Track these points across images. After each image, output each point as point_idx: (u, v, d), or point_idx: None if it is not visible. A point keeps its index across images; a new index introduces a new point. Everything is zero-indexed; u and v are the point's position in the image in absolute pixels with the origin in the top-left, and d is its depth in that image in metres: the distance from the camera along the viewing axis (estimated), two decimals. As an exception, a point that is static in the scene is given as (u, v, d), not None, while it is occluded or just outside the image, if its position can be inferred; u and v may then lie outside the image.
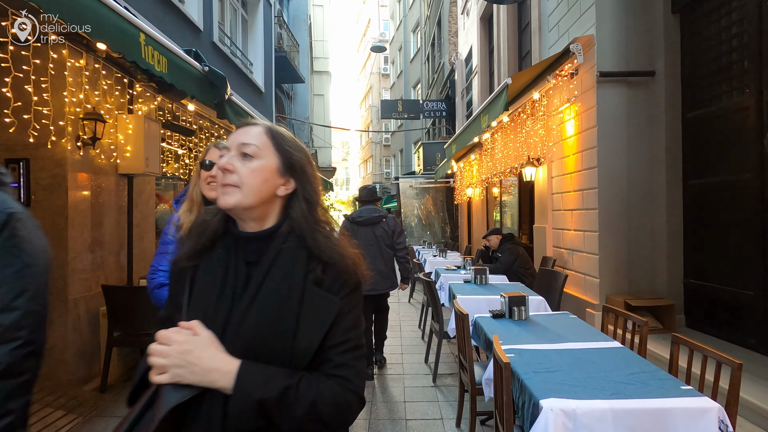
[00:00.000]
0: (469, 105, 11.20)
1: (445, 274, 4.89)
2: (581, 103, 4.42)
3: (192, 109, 5.01)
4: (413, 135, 22.14)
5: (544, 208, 5.53)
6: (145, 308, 3.50)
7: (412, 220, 12.53)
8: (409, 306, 6.96)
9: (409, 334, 5.20)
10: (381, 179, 30.39)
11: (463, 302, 3.50)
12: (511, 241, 5.00)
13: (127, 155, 4.05)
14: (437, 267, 5.70)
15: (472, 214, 10.82)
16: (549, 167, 5.36)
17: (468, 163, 9.83)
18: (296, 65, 13.01)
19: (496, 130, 7.00)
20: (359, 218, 4.03)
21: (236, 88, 7.35)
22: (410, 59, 22.81)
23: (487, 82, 9.22)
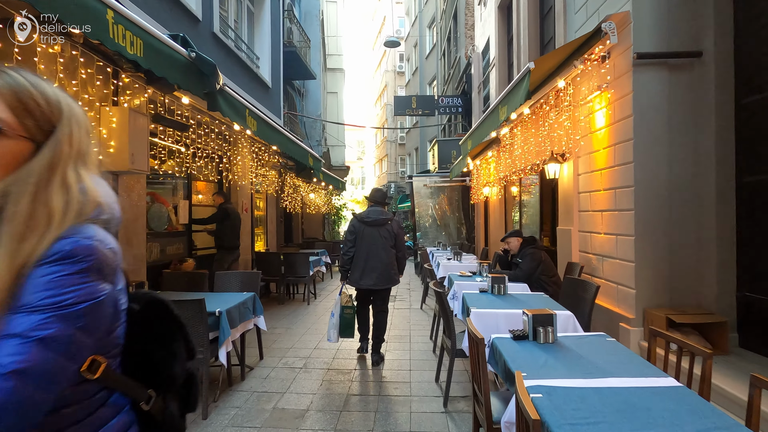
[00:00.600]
0: (486, 100, 10.67)
1: (459, 281, 4.43)
2: (614, 90, 3.90)
3: (186, 102, 4.67)
4: (429, 133, 21.63)
5: (569, 209, 5.01)
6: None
7: (427, 220, 12.06)
8: (421, 313, 6.52)
9: (419, 346, 4.76)
10: (396, 178, 29.97)
11: (478, 317, 3.05)
12: (533, 245, 4.52)
13: (110, 151, 3.72)
14: (451, 273, 5.24)
15: (489, 215, 10.29)
16: (575, 163, 4.85)
17: (485, 161, 9.32)
18: (307, 61, 12.67)
19: (515, 124, 6.49)
20: (367, 218, 4.28)
21: (240, 82, 7.03)
22: (426, 55, 22.31)
23: (506, 73, 8.69)
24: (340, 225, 21.36)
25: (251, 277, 4.33)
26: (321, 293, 8.34)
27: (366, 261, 4.18)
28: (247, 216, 7.27)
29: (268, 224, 8.56)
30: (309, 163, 7.61)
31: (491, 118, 5.34)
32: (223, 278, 4.36)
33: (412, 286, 9.45)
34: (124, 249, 3.05)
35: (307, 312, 6.57)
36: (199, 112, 5.28)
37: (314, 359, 4.32)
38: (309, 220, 14.76)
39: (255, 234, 7.91)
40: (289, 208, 9.84)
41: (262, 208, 8.50)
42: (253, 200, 7.64)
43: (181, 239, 5.70)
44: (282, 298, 7.29)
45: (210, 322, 3.25)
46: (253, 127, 4.94)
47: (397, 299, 7.72)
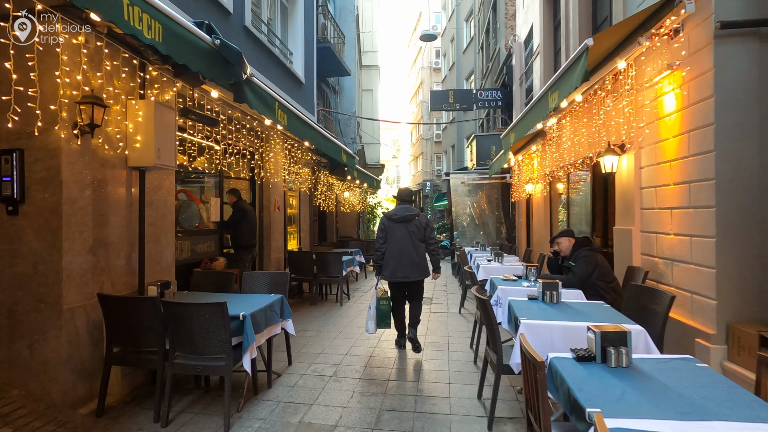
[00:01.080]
0: (529, 91, 10.06)
1: (503, 286, 4.01)
2: (690, 68, 3.36)
3: (216, 96, 4.52)
4: (465, 130, 21.01)
5: (629, 206, 4.46)
6: (148, 321, 3.00)
7: (464, 219, 11.57)
8: (460, 318, 6.11)
9: (458, 355, 4.38)
10: (432, 176, 29.48)
11: (530, 330, 2.65)
12: (588, 247, 4.02)
13: (136, 146, 3.60)
14: (493, 276, 4.82)
15: (532, 214, 9.69)
16: (637, 155, 4.30)
17: (528, 156, 8.75)
18: (342, 58, 12.49)
19: (564, 114, 5.96)
20: (394, 216, 4.54)
21: (273, 77, 6.88)
22: (463, 50, 21.66)
23: (551, 61, 8.09)
24: (374, 224, 21.19)
25: (280, 278, 4.11)
26: (354, 294, 8.10)
27: (397, 255, 4.39)
28: (279, 214, 7.13)
29: (301, 223, 8.41)
30: (342, 160, 7.37)
31: (538, 107, 4.86)
32: (251, 279, 4.16)
33: (449, 287, 9.03)
34: (152, 247, 2.88)
35: (340, 314, 6.33)
36: (229, 107, 5.13)
37: (345, 366, 4.05)
38: (343, 219, 14.61)
39: (288, 233, 7.77)
40: (323, 207, 9.67)
41: (295, 206, 8.36)
42: (285, 198, 7.50)
43: (212, 237, 5.59)
44: (314, 298, 7.09)
45: (233, 326, 3.03)
46: (283, 121, 4.73)
47: (434, 302, 7.35)
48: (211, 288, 4.10)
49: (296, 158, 7.50)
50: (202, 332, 2.89)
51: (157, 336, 3.02)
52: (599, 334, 2.02)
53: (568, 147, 5.96)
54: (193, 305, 2.86)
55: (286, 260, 7.26)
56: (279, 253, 7.09)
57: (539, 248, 8.19)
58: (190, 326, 2.90)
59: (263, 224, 6.74)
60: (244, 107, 5.19)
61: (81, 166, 3.18)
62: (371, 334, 5.07)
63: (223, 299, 3.04)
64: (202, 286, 4.16)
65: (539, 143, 7.60)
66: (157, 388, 3.03)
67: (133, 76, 3.65)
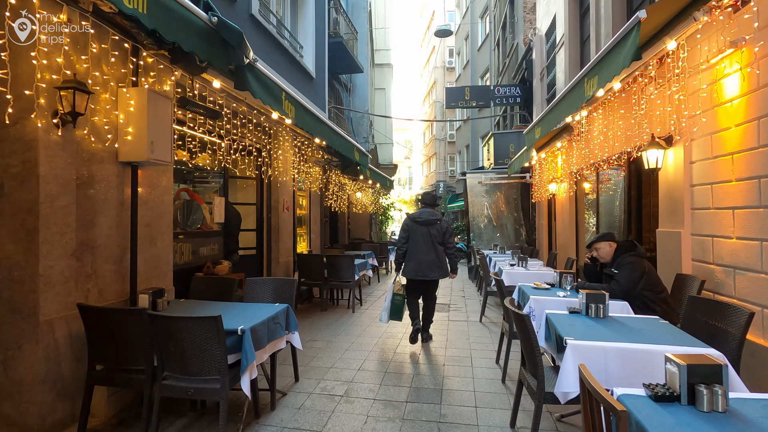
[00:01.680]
0: (551, 86, 9.55)
1: (536, 296, 3.55)
2: (763, 44, 2.87)
3: (218, 86, 4.17)
4: (480, 129, 20.48)
5: (677, 206, 3.97)
6: (134, 336, 2.64)
7: (481, 220, 11.08)
8: (481, 328, 5.65)
9: (483, 372, 3.94)
10: (445, 177, 29.01)
11: (580, 354, 2.21)
12: (633, 252, 3.54)
13: (128, 138, 3.25)
14: (520, 283, 4.36)
15: (554, 215, 9.17)
16: (687, 149, 3.81)
17: (551, 154, 8.25)
18: (354, 54, 12.13)
19: (595, 107, 5.47)
20: (419, 218, 4.77)
21: (282, 70, 6.53)
22: (477, 47, 21.14)
23: (577, 52, 7.59)
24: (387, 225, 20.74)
25: (286, 286, 3.72)
26: (367, 299, 7.69)
27: (417, 255, 4.65)
28: (288, 215, 6.77)
29: (312, 224, 8.04)
30: (355, 158, 6.99)
31: (571, 96, 4.40)
32: (254, 286, 3.78)
33: (466, 292, 8.56)
34: (147, 250, 2.43)
35: (352, 321, 5.92)
36: (234, 100, 4.78)
37: (358, 384, 3.63)
38: (356, 220, 14.23)
39: (297, 234, 7.40)
40: (334, 207, 9.30)
41: (305, 206, 7.99)
42: (295, 198, 7.14)
43: (216, 239, 5.24)
44: (325, 304, 6.70)
45: (231, 342, 2.65)
46: (291, 114, 4.35)
47: (452, 308, 6.90)
48: (212, 295, 3.73)
49: (306, 156, 7.15)
50: (193, 350, 2.51)
51: (144, 353, 2.65)
52: (685, 369, 1.57)
53: (600, 142, 5.47)
54: (183, 319, 2.48)
55: (295, 264, 6.89)
56: (288, 256, 6.72)
57: (564, 252, 7.68)
58: (180, 343, 2.52)
59: (271, 226, 6.38)
60: (250, 99, 4.84)
61: (62, 160, 2.83)
62: (386, 341, 4.66)
63: (219, 311, 2.67)
64: (201, 294, 3.79)
65: (565, 139, 7.11)
66: (145, 413, 2.66)
67: (124, 62, 3.30)
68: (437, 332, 5.36)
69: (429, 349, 4.64)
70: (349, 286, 6.61)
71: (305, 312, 6.49)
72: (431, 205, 4.85)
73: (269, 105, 3.78)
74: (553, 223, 9.60)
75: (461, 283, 9.98)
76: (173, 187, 4.47)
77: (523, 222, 10.85)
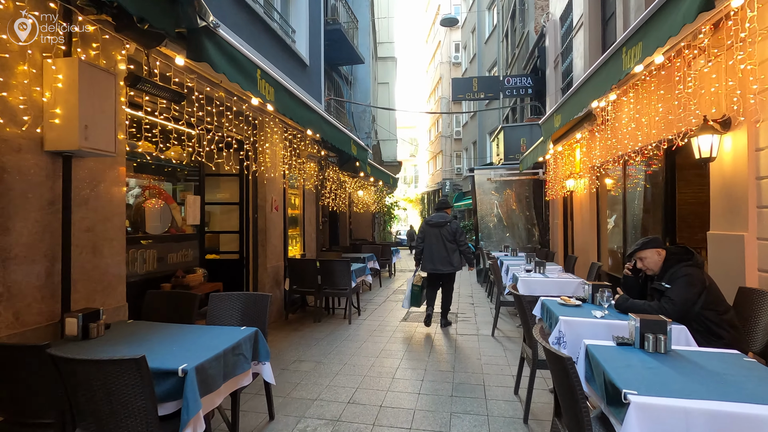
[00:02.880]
0: (567, 74, 8.81)
1: (566, 317, 2.84)
2: None
3: (181, 63, 3.49)
4: (488, 125, 19.73)
5: (737, 204, 3.24)
6: (36, 381, 1.98)
7: (491, 220, 10.36)
8: (494, 344, 4.95)
9: (500, 407, 3.24)
10: (451, 175, 28.32)
11: (651, 417, 1.51)
12: (689, 262, 2.83)
13: (55, 122, 2.60)
14: (543, 296, 3.65)
15: (571, 214, 8.44)
16: (752, 133, 3.08)
17: (568, 147, 7.52)
18: (355, 44, 11.45)
19: (625, 90, 4.75)
20: (431, 221, 5.55)
21: (270, 55, 5.87)
22: (485, 40, 20.38)
23: (599, 33, 6.85)
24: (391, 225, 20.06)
25: (258, 304, 3.05)
26: (367, 307, 7.02)
27: (431, 252, 5.41)
28: (278, 216, 6.11)
29: (306, 225, 7.37)
30: (352, 152, 6.31)
31: (604, 73, 3.69)
32: (218, 304, 3.11)
33: (476, 299, 7.86)
34: (87, 260, 1.57)
35: (347, 335, 5.25)
36: (208, 83, 4.12)
37: (346, 425, 2.96)
38: (357, 220, 13.57)
39: (289, 237, 6.75)
40: (332, 207, 8.63)
41: (298, 206, 7.31)
42: (286, 197, 6.48)
43: (190, 244, 4.60)
44: (319, 314, 6.04)
45: (169, 386, 1.99)
46: (270, 96, 3.69)
47: (460, 318, 6.20)
48: (169, 314, 3.08)
49: (299, 150, 6.48)
50: (110, 401, 1.85)
51: (52, 402, 1.99)
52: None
53: (631, 130, 4.75)
54: (90, 363, 1.82)
55: (286, 269, 6.23)
56: (277, 261, 6.06)
57: (584, 255, 6.95)
58: (92, 393, 1.86)
59: (257, 228, 5.72)
60: (228, 83, 4.18)
61: (-45, 148, 2.19)
62: (383, 362, 4.00)
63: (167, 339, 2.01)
64: (156, 312, 3.14)
65: (586, 129, 6.38)
66: (53, 481, 2.00)
67: (51, 27, 2.65)
68: (443, 351, 4.68)
69: (435, 374, 3.95)
70: (345, 294, 5.94)
71: (297, 323, 5.84)
72: (442, 209, 5.64)
73: (238, 83, 3.13)
74: (569, 222, 8.86)
75: (469, 287, 9.28)
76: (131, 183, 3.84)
77: (535, 221, 10.11)
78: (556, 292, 4.90)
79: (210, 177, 5.71)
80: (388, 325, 5.80)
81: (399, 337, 5.22)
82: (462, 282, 9.98)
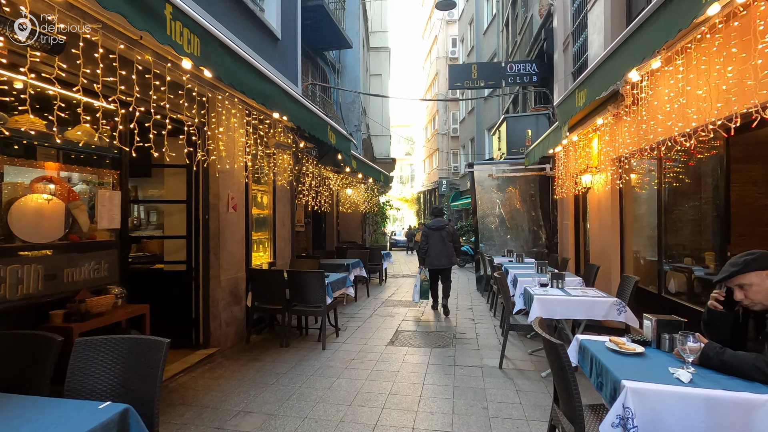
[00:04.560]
0: (580, 55, 7.77)
1: (634, 383, 1.76)
2: None
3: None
4: (487, 120, 18.72)
5: None
6: None
7: (492, 221, 9.32)
8: (504, 382, 3.88)
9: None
10: (448, 174, 27.35)
11: None
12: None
13: None
14: (583, 337, 2.59)
15: (583, 215, 7.41)
16: None
17: (583, 137, 6.48)
18: (342, 28, 10.38)
19: (670, 56, 3.71)
20: (432, 226, 6.69)
21: (227, 20, 4.77)
22: (483, 31, 19.34)
23: (622, 1, 5.80)
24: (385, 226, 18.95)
25: (146, 354, 1.95)
26: (349, 323, 5.95)
27: (433, 251, 6.54)
28: (237, 216, 5.01)
29: (278, 227, 6.27)
30: (329, 140, 5.24)
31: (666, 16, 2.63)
32: (85, 354, 1.98)
33: (476, 312, 6.80)
34: None
35: (318, 367, 4.18)
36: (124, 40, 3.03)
37: None
38: (346, 221, 12.49)
39: (253, 242, 5.67)
40: (313, 205, 7.55)
41: (267, 205, 6.21)
42: (249, 193, 5.39)
43: (104, 255, 3.50)
44: (287, 335, 4.95)
45: None
46: (193, 50, 2.62)
47: (458, 341, 5.14)
48: (12, 373, 1.99)
49: (266, 139, 5.40)
50: None
51: None
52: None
53: (679, 107, 3.70)
54: None
55: (248, 282, 5.14)
56: (236, 271, 4.97)
57: (603, 262, 5.90)
58: None
59: (208, 231, 4.64)
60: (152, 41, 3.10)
61: None
62: (358, 414, 2.94)
63: None
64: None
65: (609, 113, 5.34)
66: None
67: None
68: (438, 394, 3.62)
69: (425, 433, 2.89)
70: (319, 313, 4.86)
71: (259, 349, 4.76)
72: (439, 215, 6.85)
73: (125, 15, 2.05)
74: (581, 224, 7.83)
75: (468, 297, 8.22)
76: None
77: (542, 223, 9.07)
78: (582, 314, 3.85)
79: (152, 168, 4.63)
80: (371, 351, 4.73)
81: (383, 370, 4.15)
82: (460, 291, 8.92)
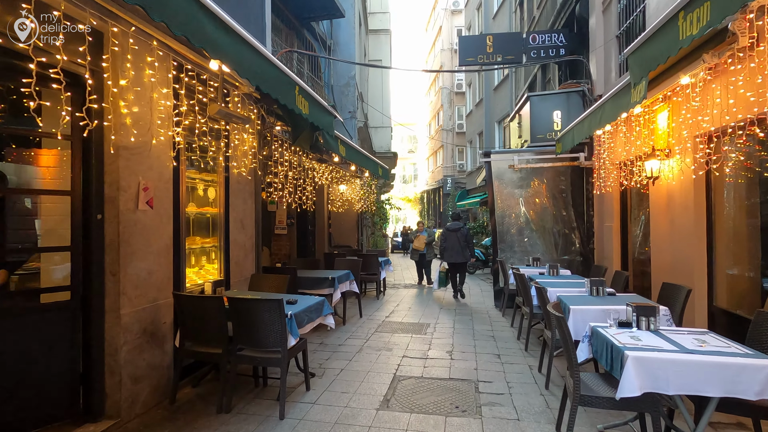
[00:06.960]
0: (628, 14, 6.13)
1: None
2: None
3: None
4: (497, 112, 17.07)
5: None
6: None
7: (513, 223, 7.66)
8: None
9: None
10: (453, 172, 25.75)
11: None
12: None
13: None
14: None
15: (631, 215, 5.77)
16: None
17: (648, 110, 4.82)
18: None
19: None
20: (451, 228, 8.25)
21: None
22: (493, 15, 17.70)
23: None
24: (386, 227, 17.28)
25: None
26: (330, 362, 4.33)
27: (450, 249, 8.16)
28: (153, 215, 3.38)
29: (232, 232, 4.61)
30: (300, 110, 3.65)
31: None
32: None
33: (501, 346, 5.15)
34: None
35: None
36: None
37: None
38: (339, 222, 10.84)
39: (190, 253, 4.05)
40: (290, 202, 5.93)
41: (215, 200, 4.54)
42: (182, 182, 3.77)
43: None
44: (228, 393, 3.33)
45: None
46: None
47: (483, 398, 3.49)
48: None
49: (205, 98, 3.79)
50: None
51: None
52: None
53: None
54: None
55: (176, 314, 3.50)
56: (154, 298, 3.34)
57: (681, 281, 4.21)
58: None
59: (104, 239, 3.01)
60: None
61: None
62: None
63: None
64: None
65: (703, 67, 3.67)
66: None
67: None
68: None
69: None
70: (276, 363, 3.23)
71: (186, 415, 3.15)
72: (456, 219, 8.44)
73: None
74: (629, 226, 6.18)
75: (486, 318, 6.58)
76: None
77: (575, 225, 7.40)
78: (717, 389, 2.19)
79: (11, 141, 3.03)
80: (355, 423, 3.09)
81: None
82: (475, 309, 7.29)
